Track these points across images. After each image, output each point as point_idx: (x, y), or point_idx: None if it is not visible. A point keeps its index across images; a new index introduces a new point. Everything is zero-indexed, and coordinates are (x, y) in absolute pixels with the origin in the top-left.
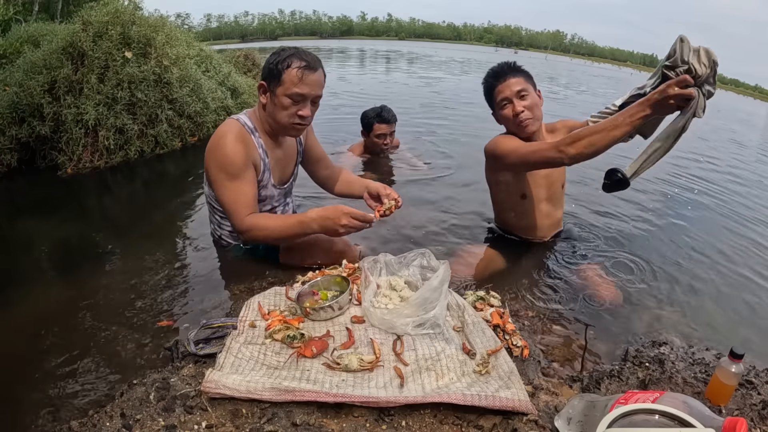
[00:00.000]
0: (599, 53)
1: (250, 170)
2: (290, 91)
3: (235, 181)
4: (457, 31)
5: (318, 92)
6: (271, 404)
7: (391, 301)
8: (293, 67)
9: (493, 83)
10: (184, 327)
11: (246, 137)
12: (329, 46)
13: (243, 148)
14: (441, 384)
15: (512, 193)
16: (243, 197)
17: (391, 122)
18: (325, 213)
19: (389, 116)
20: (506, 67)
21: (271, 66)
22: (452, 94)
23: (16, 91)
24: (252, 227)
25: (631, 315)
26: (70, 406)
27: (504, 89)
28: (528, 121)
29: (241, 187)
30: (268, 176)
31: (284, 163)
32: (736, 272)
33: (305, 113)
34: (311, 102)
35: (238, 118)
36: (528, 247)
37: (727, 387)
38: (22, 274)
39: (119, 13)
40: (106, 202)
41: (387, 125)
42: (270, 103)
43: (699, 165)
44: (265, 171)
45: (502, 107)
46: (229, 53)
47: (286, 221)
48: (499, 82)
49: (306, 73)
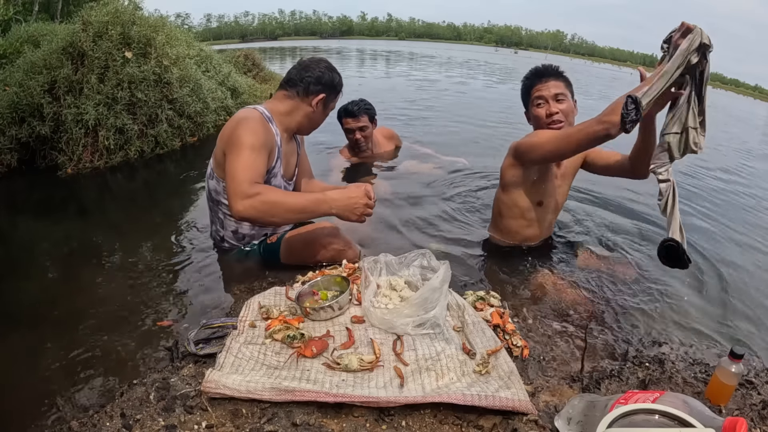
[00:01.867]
0: (599, 53)
1: (266, 152)
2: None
3: (253, 152)
4: (457, 31)
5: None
6: (271, 404)
7: (391, 301)
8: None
9: (534, 82)
10: (184, 327)
11: (267, 125)
12: (329, 46)
13: (266, 132)
14: (441, 384)
15: (529, 200)
16: (257, 168)
17: (356, 115)
18: (347, 193)
19: (354, 109)
20: (550, 69)
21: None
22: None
23: (16, 91)
24: (260, 191)
25: (631, 315)
26: (70, 406)
27: (543, 89)
28: (560, 124)
29: (257, 158)
30: (279, 165)
31: (291, 158)
32: (736, 272)
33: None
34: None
35: (256, 108)
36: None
37: (727, 387)
38: (22, 274)
39: (119, 13)
40: (106, 202)
41: (353, 119)
42: (319, 111)
43: (700, 165)
44: (278, 159)
45: (536, 105)
46: (229, 53)
47: (300, 197)
48: (539, 81)
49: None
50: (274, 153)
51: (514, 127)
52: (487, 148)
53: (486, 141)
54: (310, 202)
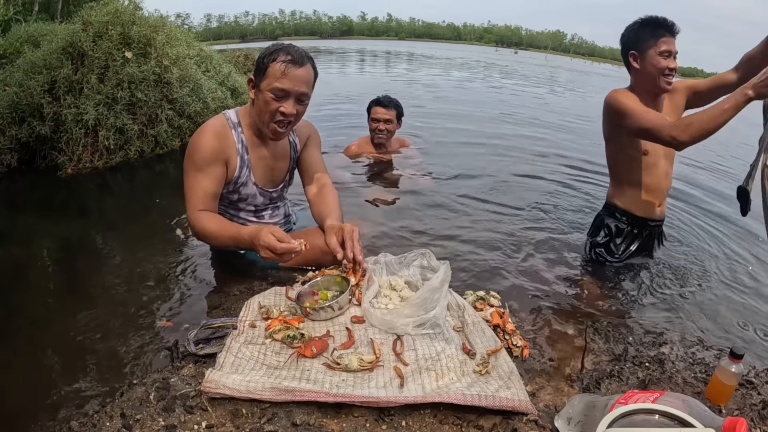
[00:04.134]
0: (599, 53)
1: (217, 167)
2: (272, 85)
3: (198, 173)
4: (457, 31)
5: (302, 89)
6: (271, 404)
7: (391, 301)
8: (278, 60)
9: (664, 32)
10: (184, 327)
11: (224, 132)
12: (329, 46)
13: (216, 144)
14: (441, 384)
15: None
16: (200, 191)
17: (387, 107)
18: (256, 230)
19: (386, 101)
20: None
21: (259, 60)
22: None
23: (16, 91)
24: (195, 222)
25: (631, 315)
26: (70, 406)
27: (671, 43)
28: (672, 82)
29: (201, 180)
30: (247, 174)
31: (271, 162)
32: (736, 272)
33: (287, 110)
34: (297, 100)
35: (225, 113)
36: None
37: (727, 387)
38: (22, 274)
39: (119, 13)
40: (106, 203)
41: (383, 109)
42: (256, 99)
43: (700, 166)
44: (243, 167)
45: (662, 55)
46: (229, 53)
47: (225, 228)
48: (670, 35)
49: (290, 68)
50: (233, 161)
51: (513, 127)
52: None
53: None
54: (232, 239)
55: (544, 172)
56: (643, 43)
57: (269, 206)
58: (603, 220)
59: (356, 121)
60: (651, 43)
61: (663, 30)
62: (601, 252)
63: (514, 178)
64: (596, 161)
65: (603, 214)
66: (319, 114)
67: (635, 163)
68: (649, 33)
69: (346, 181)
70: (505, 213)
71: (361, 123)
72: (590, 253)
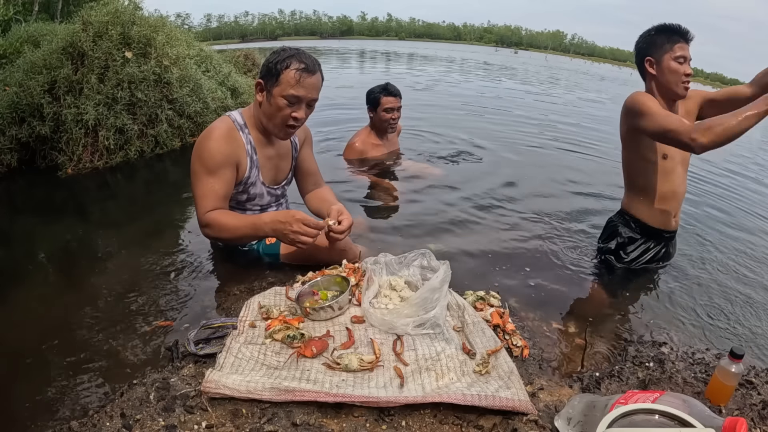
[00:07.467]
0: (599, 53)
1: (229, 169)
2: (287, 92)
3: (210, 177)
4: (457, 31)
5: (314, 95)
6: (271, 404)
7: (391, 302)
8: (292, 68)
9: (679, 38)
10: (184, 327)
11: (234, 135)
12: (329, 46)
13: (227, 147)
14: (441, 384)
15: (653, 152)
16: (212, 193)
17: (396, 95)
18: (277, 216)
19: (395, 90)
20: (691, 33)
21: (270, 65)
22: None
23: (16, 91)
24: (210, 223)
25: (631, 315)
26: (70, 406)
27: (686, 49)
28: (689, 87)
29: (213, 183)
30: (256, 174)
31: (277, 161)
32: (736, 272)
33: (299, 115)
34: (306, 105)
35: (230, 115)
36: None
37: (727, 387)
38: (22, 274)
39: (119, 13)
40: (106, 203)
41: (394, 98)
42: (266, 102)
43: (701, 165)
44: (253, 168)
45: (677, 61)
46: (229, 53)
47: (241, 221)
48: (687, 40)
49: (304, 76)
50: (244, 163)
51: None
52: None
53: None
54: (248, 227)
55: (547, 172)
56: (659, 48)
57: (273, 204)
58: (617, 228)
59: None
60: (667, 49)
61: (678, 36)
62: (611, 258)
63: (516, 178)
64: (604, 163)
65: (617, 222)
66: (319, 114)
67: (652, 168)
68: (664, 39)
69: (354, 180)
70: (505, 213)
71: (359, 116)
72: (599, 257)
